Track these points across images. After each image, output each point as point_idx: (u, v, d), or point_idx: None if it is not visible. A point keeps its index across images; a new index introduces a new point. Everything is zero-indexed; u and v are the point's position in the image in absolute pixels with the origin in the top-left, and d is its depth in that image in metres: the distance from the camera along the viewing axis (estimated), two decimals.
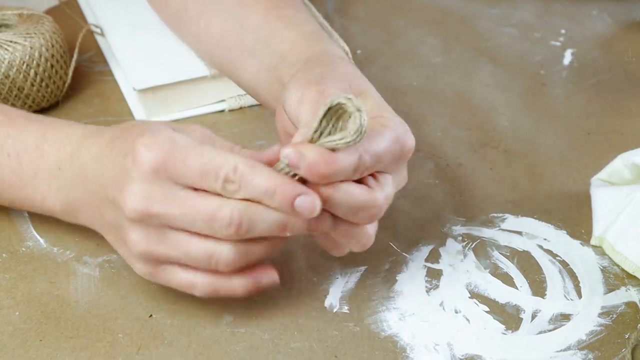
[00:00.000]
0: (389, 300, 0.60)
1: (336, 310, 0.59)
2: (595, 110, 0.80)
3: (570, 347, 0.57)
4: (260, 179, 0.51)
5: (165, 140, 0.52)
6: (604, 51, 0.89)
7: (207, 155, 0.51)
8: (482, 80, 0.84)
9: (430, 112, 0.79)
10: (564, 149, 0.75)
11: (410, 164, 0.72)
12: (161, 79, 0.75)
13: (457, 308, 0.60)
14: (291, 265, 0.62)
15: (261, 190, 0.51)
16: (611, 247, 0.63)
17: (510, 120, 0.78)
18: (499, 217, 0.67)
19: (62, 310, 0.58)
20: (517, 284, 0.62)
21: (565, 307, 0.60)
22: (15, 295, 0.59)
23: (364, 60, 0.85)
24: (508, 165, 0.73)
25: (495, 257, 0.64)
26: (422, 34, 0.91)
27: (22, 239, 0.63)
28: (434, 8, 0.95)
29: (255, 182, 0.51)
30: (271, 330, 0.57)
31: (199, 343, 0.56)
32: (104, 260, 0.61)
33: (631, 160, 0.64)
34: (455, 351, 0.56)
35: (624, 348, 0.57)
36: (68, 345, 0.56)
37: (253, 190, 0.51)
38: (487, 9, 0.96)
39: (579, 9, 0.96)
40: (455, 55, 0.87)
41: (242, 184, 0.51)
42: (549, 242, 0.65)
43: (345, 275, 0.62)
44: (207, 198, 0.52)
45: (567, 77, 0.85)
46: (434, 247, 0.64)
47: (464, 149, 0.74)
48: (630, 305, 0.60)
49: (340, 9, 0.94)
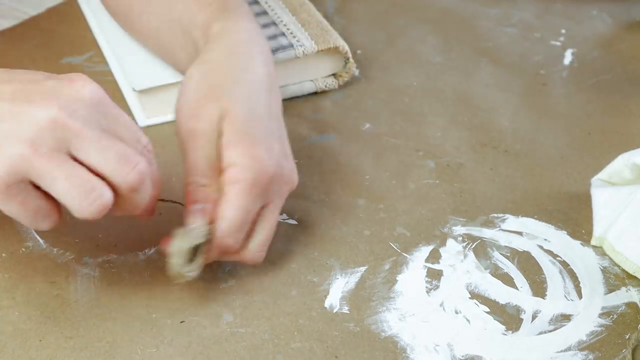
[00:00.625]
0: (389, 301, 0.60)
1: (336, 311, 0.59)
2: (595, 110, 0.80)
3: (571, 348, 0.57)
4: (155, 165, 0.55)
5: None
6: (604, 51, 0.89)
7: (128, 117, 0.54)
8: (483, 80, 0.84)
9: (430, 112, 0.79)
10: (564, 149, 0.75)
11: (411, 164, 0.72)
12: (161, 79, 0.75)
13: (457, 308, 0.60)
14: (291, 265, 0.62)
15: (157, 177, 0.55)
16: (612, 247, 0.63)
17: (510, 120, 0.78)
18: (500, 217, 0.67)
19: (62, 311, 0.58)
20: (518, 284, 0.61)
21: (565, 308, 0.60)
22: (15, 295, 0.59)
23: (364, 60, 0.85)
24: (508, 166, 0.73)
25: (496, 258, 0.64)
26: (422, 33, 0.91)
27: (22, 239, 0.63)
28: (434, 8, 0.95)
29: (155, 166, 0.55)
30: (271, 331, 0.57)
31: (198, 343, 0.56)
32: (103, 261, 0.61)
33: (632, 160, 0.64)
34: (456, 352, 0.56)
35: (624, 349, 0.57)
36: (68, 346, 0.55)
37: (154, 170, 0.55)
38: (487, 8, 0.96)
39: (579, 9, 0.96)
40: (456, 55, 0.87)
41: (150, 160, 0.54)
42: (549, 243, 0.65)
43: (346, 276, 0.61)
44: (127, 146, 0.52)
45: (567, 77, 0.85)
46: (434, 247, 0.64)
47: (464, 149, 0.74)
48: (631, 305, 0.60)
49: (340, 9, 0.94)
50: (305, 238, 0.64)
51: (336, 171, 0.71)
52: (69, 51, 0.83)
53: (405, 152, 0.74)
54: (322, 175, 0.70)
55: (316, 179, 0.70)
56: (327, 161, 0.72)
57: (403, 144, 0.74)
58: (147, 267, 0.61)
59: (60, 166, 0.49)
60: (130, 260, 0.62)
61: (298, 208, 0.67)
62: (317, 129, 0.76)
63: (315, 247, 0.63)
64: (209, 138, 0.58)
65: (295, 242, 0.64)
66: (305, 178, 0.69)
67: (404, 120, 0.78)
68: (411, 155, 0.73)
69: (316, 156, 0.72)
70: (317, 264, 0.62)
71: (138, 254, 0.62)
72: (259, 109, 0.59)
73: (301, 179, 0.65)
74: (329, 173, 0.71)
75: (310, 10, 0.83)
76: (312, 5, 0.85)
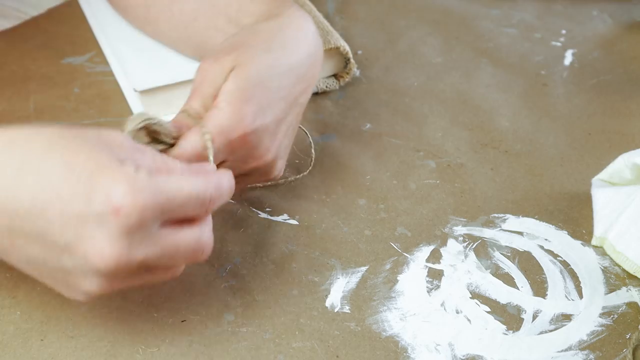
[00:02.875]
0: (390, 301, 0.60)
1: (337, 310, 0.59)
2: (596, 110, 0.80)
3: (572, 348, 0.57)
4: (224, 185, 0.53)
5: (143, 178, 0.48)
6: (605, 51, 0.89)
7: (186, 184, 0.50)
8: (483, 80, 0.84)
9: (431, 113, 0.79)
10: (564, 149, 0.75)
11: (411, 164, 0.72)
12: (162, 79, 0.75)
13: (458, 308, 0.60)
14: (292, 265, 0.62)
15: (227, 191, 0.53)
16: (612, 247, 0.63)
17: (511, 120, 0.78)
18: (500, 217, 0.67)
19: (64, 310, 0.58)
20: (518, 284, 0.62)
21: (566, 308, 0.60)
22: (16, 294, 0.59)
23: (364, 61, 0.85)
24: (509, 166, 0.73)
25: (497, 258, 0.64)
26: (422, 34, 0.91)
27: None
28: (434, 8, 0.95)
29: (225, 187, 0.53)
30: (272, 330, 0.57)
31: (200, 342, 0.56)
32: None
33: (632, 161, 0.64)
34: (457, 351, 0.57)
35: (625, 348, 0.57)
36: (69, 345, 0.56)
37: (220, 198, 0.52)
38: (487, 9, 0.96)
39: (579, 10, 0.96)
40: (456, 55, 0.88)
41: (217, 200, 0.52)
42: (550, 243, 0.65)
43: (347, 276, 0.62)
44: (184, 231, 0.50)
45: (567, 78, 0.85)
46: (435, 247, 0.64)
47: (465, 149, 0.74)
48: (631, 305, 0.60)
49: (341, 10, 0.94)
50: (306, 238, 0.64)
51: (337, 171, 0.71)
52: (69, 51, 0.83)
53: (406, 152, 0.74)
54: (323, 176, 0.70)
55: (317, 179, 0.70)
56: (327, 161, 0.72)
57: (404, 144, 0.74)
58: None
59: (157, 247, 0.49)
60: None
61: (299, 208, 0.67)
62: (318, 129, 0.76)
63: (316, 247, 0.64)
64: (213, 81, 0.57)
65: (296, 242, 0.64)
66: (305, 178, 0.70)
67: (404, 120, 0.78)
68: (412, 155, 0.73)
69: (317, 156, 0.72)
70: (318, 263, 0.62)
71: None
72: (273, 81, 0.58)
73: (302, 178, 0.65)
74: (330, 173, 0.71)
75: (311, 11, 0.83)
76: (313, 6, 0.85)
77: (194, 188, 0.50)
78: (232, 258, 0.62)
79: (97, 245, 0.47)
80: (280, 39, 0.60)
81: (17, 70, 0.80)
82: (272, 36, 0.60)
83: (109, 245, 0.47)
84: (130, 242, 0.47)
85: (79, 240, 0.47)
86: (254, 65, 0.58)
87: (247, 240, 0.63)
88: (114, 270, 0.48)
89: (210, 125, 0.55)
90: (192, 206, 0.50)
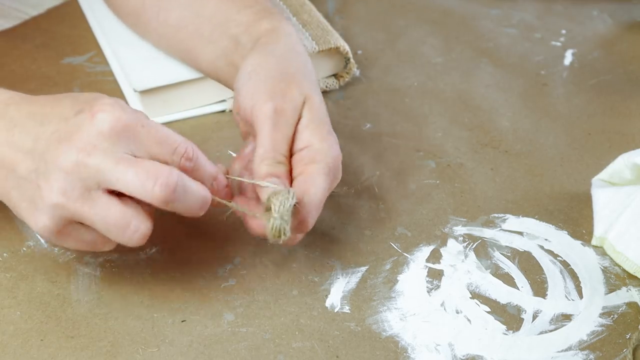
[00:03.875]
0: (390, 301, 0.60)
1: (337, 310, 0.59)
2: (596, 110, 0.80)
3: (572, 348, 0.57)
4: (208, 164, 0.56)
5: (125, 106, 0.54)
6: (605, 51, 0.89)
7: (165, 130, 0.54)
8: (483, 80, 0.84)
9: (431, 113, 0.79)
10: (564, 149, 0.75)
11: (411, 164, 0.72)
12: (161, 79, 0.75)
13: (458, 308, 0.60)
14: (292, 265, 0.62)
15: (209, 174, 0.56)
16: (612, 247, 0.63)
17: (511, 120, 0.78)
18: (500, 217, 0.67)
19: (63, 310, 0.58)
20: (518, 284, 0.62)
21: (566, 308, 0.60)
22: (16, 294, 0.59)
23: (364, 61, 0.85)
24: (509, 166, 0.73)
25: (496, 258, 0.64)
26: (422, 34, 0.91)
27: (23, 238, 0.63)
28: (434, 8, 0.95)
29: (206, 166, 0.56)
30: (272, 330, 0.57)
31: (200, 342, 0.56)
32: (105, 260, 0.61)
33: (632, 161, 0.64)
34: (457, 351, 0.56)
35: (625, 348, 0.57)
36: (69, 345, 0.56)
37: (204, 171, 0.56)
38: (487, 9, 0.96)
39: (579, 10, 0.96)
40: (456, 55, 0.88)
41: (196, 164, 0.55)
42: (550, 243, 0.65)
43: (347, 276, 0.62)
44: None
45: (567, 78, 0.85)
46: (435, 247, 0.64)
47: (464, 149, 0.74)
48: (632, 305, 0.60)
49: (341, 9, 0.94)
50: (306, 238, 0.64)
51: None
52: (69, 51, 0.83)
53: (406, 152, 0.74)
54: None
55: None
56: None
57: (403, 144, 0.74)
58: (148, 266, 0.61)
59: (93, 207, 0.52)
60: (132, 259, 0.62)
61: None
62: None
63: (317, 247, 0.63)
64: (292, 119, 0.59)
65: (297, 242, 0.63)
66: None
67: (404, 120, 0.78)
68: (412, 155, 0.73)
69: None
70: (318, 263, 0.62)
71: (139, 253, 0.62)
72: (323, 102, 0.62)
73: None
74: None
75: (311, 11, 0.83)
76: (313, 6, 0.85)
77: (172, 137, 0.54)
78: (232, 258, 0.62)
79: (72, 140, 0.52)
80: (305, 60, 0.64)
81: (17, 70, 0.80)
82: (300, 61, 0.64)
83: (80, 140, 0.52)
84: (97, 144, 0.52)
85: (58, 140, 0.52)
86: (317, 96, 0.61)
87: (247, 240, 0.63)
88: (75, 167, 0.51)
89: (320, 167, 0.58)
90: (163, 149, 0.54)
